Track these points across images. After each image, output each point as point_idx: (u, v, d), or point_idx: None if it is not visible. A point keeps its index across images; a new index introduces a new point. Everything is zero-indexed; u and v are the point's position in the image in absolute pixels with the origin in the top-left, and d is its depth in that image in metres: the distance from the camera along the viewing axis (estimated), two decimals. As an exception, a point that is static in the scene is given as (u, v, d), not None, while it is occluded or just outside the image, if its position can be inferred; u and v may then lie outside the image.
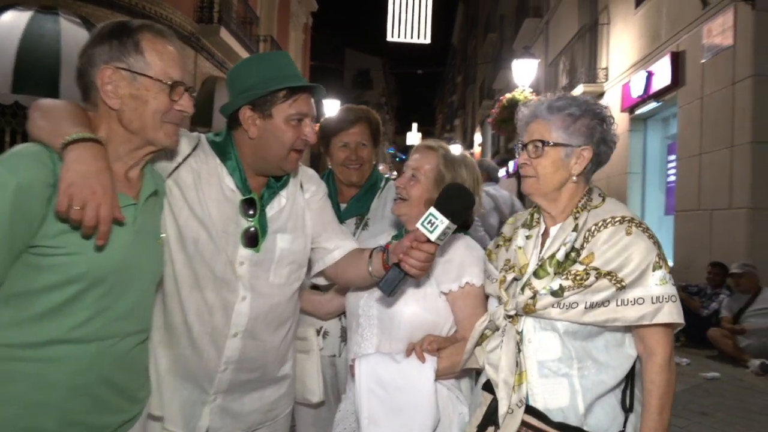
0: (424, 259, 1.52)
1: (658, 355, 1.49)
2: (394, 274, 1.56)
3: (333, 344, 2.31)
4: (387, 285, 1.57)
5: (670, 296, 1.46)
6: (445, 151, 1.94)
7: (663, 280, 1.46)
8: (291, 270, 1.82)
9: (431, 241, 1.51)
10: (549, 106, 1.61)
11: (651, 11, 9.92)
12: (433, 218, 1.51)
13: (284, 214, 1.80)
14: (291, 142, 1.68)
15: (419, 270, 1.53)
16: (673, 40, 8.93)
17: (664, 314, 1.45)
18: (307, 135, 1.69)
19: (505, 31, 22.87)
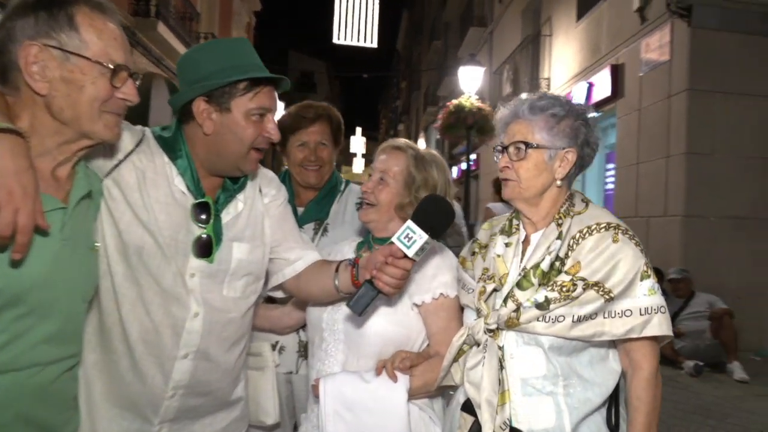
0: (400, 277, 1.40)
1: (645, 369, 1.42)
2: (366, 292, 1.43)
3: (290, 360, 2.14)
4: (358, 304, 1.43)
5: (659, 307, 1.40)
6: (414, 150, 1.82)
7: (651, 290, 1.40)
8: (247, 282, 1.64)
9: (408, 257, 1.39)
10: (531, 105, 1.52)
11: (592, 25, 10.27)
12: (411, 232, 1.39)
13: (241, 220, 1.62)
14: (251, 140, 1.50)
15: (394, 288, 1.42)
16: (612, 54, 9.26)
17: (653, 326, 1.38)
18: (269, 132, 1.52)
19: (450, 39, 23.22)
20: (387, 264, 1.41)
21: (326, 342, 1.74)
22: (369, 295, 1.43)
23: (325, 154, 2.24)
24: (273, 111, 1.53)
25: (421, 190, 1.77)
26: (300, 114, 2.23)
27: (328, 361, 1.71)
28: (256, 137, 1.51)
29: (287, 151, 2.28)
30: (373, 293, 1.43)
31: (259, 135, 1.51)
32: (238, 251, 1.59)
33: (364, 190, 1.80)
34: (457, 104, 10.96)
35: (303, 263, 1.73)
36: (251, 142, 1.50)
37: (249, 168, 1.56)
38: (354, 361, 1.68)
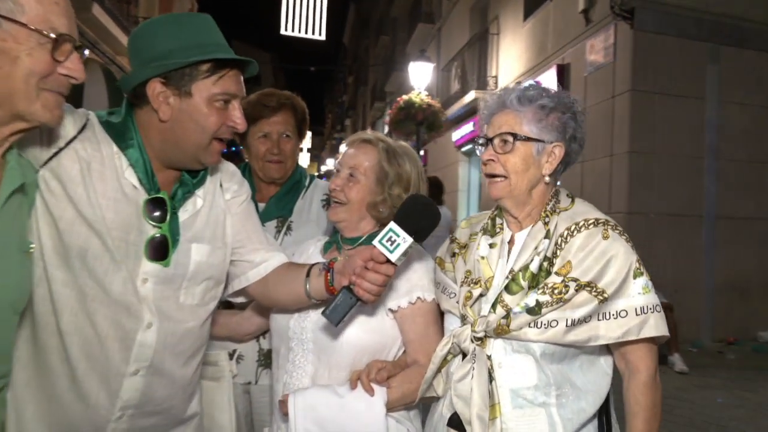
0: (381, 283, 1.30)
1: (643, 372, 1.36)
2: (344, 300, 1.31)
3: (248, 370, 1.98)
4: (335, 313, 1.32)
5: (655, 306, 1.34)
6: (385, 143, 1.69)
7: (646, 288, 1.34)
8: (207, 288, 1.48)
9: (391, 262, 1.28)
10: (519, 95, 1.43)
11: (538, 25, 10.46)
12: (394, 235, 1.28)
13: (200, 218, 1.45)
14: (214, 129, 1.34)
15: (375, 296, 1.31)
16: (558, 53, 9.46)
17: (649, 327, 1.32)
18: (235, 121, 1.37)
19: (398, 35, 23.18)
20: (367, 269, 1.30)
21: (293, 352, 1.59)
22: (347, 303, 1.32)
23: (289, 147, 2.08)
24: (239, 97, 1.37)
25: (394, 186, 1.65)
26: (261, 102, 2.06)
27: (296, 373, 1.57)
28: (220, 126, 1.35)
29: (247, 143, 2.10)
30: (352, 301, 1.32)
31: (222, 124, 1.35)
32: (197, 253, 1.43)
33: (332, 187, 1.66)
34: (407, 100, 10.91)
35: (269, 266, 1.58)
36: (214, 132, 1.34)
37: (210, 160, 1.39)
38: (325, 373, 1.55)
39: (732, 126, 7.73)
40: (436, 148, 15.05)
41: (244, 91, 1.39)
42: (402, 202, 1.51)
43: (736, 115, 7.73)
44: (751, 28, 7.77)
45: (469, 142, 13.61)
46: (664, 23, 7.46)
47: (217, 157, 1.41)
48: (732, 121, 7.72)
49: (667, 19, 7.47)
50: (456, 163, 14.55)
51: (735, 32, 7.72)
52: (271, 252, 1.60)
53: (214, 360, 1.89)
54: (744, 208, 7.77)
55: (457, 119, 13.53)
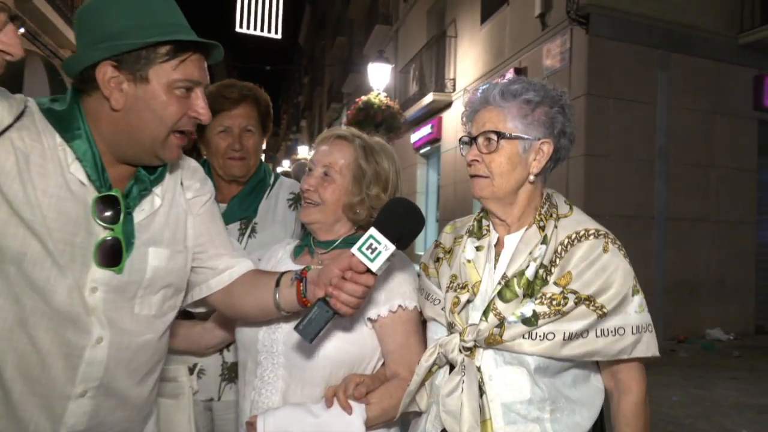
0: (361, 295, 1.19)
1: (634, 392, 1.30)
2: (320, 314, 1.19)
3: (210, 385, 1.82)
4: (310, 328, 1.19)
5: (648, 326, 1.28)
6: (361, 139, 1.57)
7: (641, 307, 1.28)
8: (165, 296, 1.33)
9: (371, 271, 1.17)
10: (503, 90, 1.34)
11: (495, 28, 10.57)
12: (375, 242, 1.17)
13: (159, 219, 1.30)
14: (173, 120, 1.19)
15: (354, 308, 1.20)
16: (515, 57, 9.57)
17: (642, 346, 1.26)
18: (198, 111, 1.22)
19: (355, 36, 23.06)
20: (345, 280, 1.18)
21: (262, 367, 1.45)
22: (323, 317, 1.19)
23: (252, 143, 1.92)
24: (202, 85, 1.23)
25: (372, 185, 1.54)
26: (221, 94, 1.89)
27: (265, 390, 1.43)
28: (180, 117, 1.20)
29: (206, 139, 1.94)
30: (328, 315, 1.19)
31: (184, 114, 1.20)
32: (154, 258, 1.27)
33: (305, 187, 1.53)
34: (366, 101, 10.82)
35: (234, 274, 1.44)
36: (173, 123, 1.19)
37: (170, 155, 1.24)
38: (297, 390, 1.41)
39: (681, 130, 8.00)
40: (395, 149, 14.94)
41: (208, 79, 1.24)
42: (382, 205, 1.41)
43: (684, 120, 8.01)
44: (699, 36, 8.07)
45: (427, 144, 13.67)
46: (618, 29, 7.64)
47: (177, 152, 1.26)
48: (681, 125, 7.99)
49: (620, 26, 7.66)
50: (414, 165, 14.56)
51: (684, 40, 8.00)
52: (236, 258, 1.46)
53: (172, 375, 1.74)
54: (693, 209, 8.06)
55: (415, 121, 13.53)
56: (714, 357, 6.81)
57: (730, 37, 8.30)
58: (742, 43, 8.30)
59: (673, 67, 7.94)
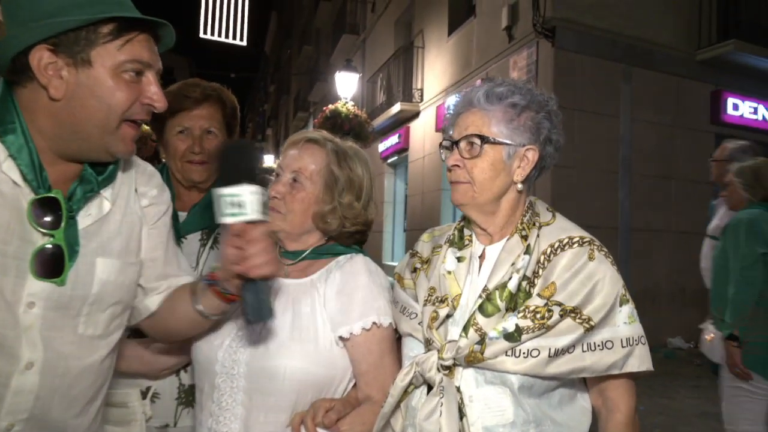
0: (264, 248, 1.08)
1: (622, 411, 1.22)
2: (255, 294, 1.11)
3: (166, 410, 1.66)
4: (256, 311, 1.11)
5: (639, 338, 1.21)
6: (333, 143, 1.48)
7: (631, 318, 1.21)
8: (113, 314, 1.19)
9: (255, 221, 1.08)
10: (488, 92, 1.27)
11: (462, 40, 10.65)
12: (233, 197, 1.08)
13: (109, 226, 1.16)
14: (123, 107, 1.06)
15: (272, 265, 1.09)
16: (482, 69, 9.65)
17: (634, 360, 1.19)
18: (151, 97, 1.10)
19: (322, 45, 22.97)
20: (242, 248, 1.08)
21: (219, 391, 1.32)
22: (260, 293, 1.11)
23: (214, 146, 1.78)
24: (154, 68, 1.10)
25: (345, 192, 1.44)
26: (182, 93, 1.75)
27: (224, 417, 1.30)
28: (131, 104, 1.07)
29: (165, 141, 1.79)
30: (262, 287, 1.11)
31: (135, 101, 1.08)
32: (103, 270, 1.14)
33: (272, 194, 1.41)
34: (333, 109, 10.71)
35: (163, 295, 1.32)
36: (123, 110, 1.07)
37: (121, 149, 1.11)
38: (260, 417, 1.28)
39: (642, 143, 8.18)
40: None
41: (159, 63, 1.12)
42: (356, 214, 1.35)
43: (645, 133, 8.19)
44: (660, 52, 8.30)
45: (394, 154, 13.64)
46: (583, 43, 7.78)
47: (130, 145, 1.13)
48: (642, 138, 8.17)
49: (585, 39, 7.80)
50: (382, 174, 14.51)
51: (645, 55, 8.20)
52: (179, 278, 1.34)
53: (121, 401, 1.58)
54: (654, 220, 8.22)
55: (383, 131, 13.50)
56: (676, 365, 6.91)
57: (688, 53, 8.57)
58: (699, 60, 8.57)
59: (635, 81, 8.13)
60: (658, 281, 8.11)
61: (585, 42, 7.79)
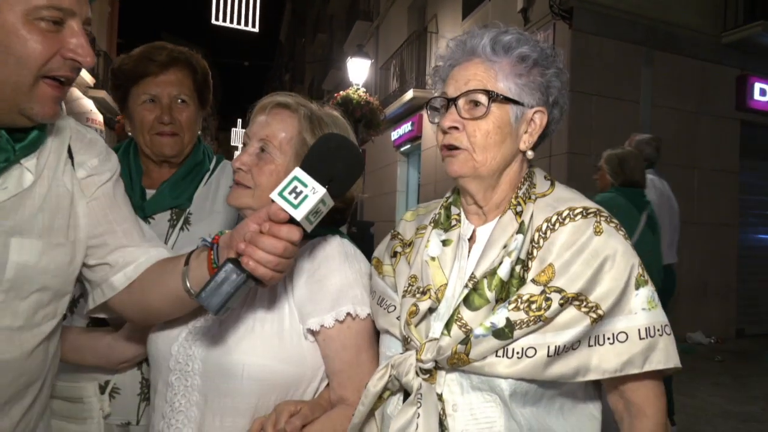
0: (281, 252, 0.91)
1: (649, 416, 1.02)
2: (228, 277, 0.91)
3: (127, 406, 1.51)
4: (215, 296, 0.91)
5: (663, 326, 1.00)
6: (307, 109, 1.29)
7: (651, 302, 1.00)
8: (39, 302, 1.03)
9: (296, 221, 0.91)
10: (494, 40, 1.07)
11: (477, 24, 10.23)
12: (300, 185, 0.92)
13: (30, 201, 1.01)
14: (40, 60, 0.91)
15: (273, 271, 0.92)
16: (497, 53, 9.35)
17: (658, 355, 0.98)
18: (74, 50, 0.93)
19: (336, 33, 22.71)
20: (262, 233, 0.92)
21: (173, 390, 1.16)
22: (232, 281, 0.92)
23: (185, 115, 1.61)
24: (79, 16, 0.94)
25: None
26: (147, 56, 1.56)
27: (176, 420, 1.14)
28: (50, 57, 0.92)
29: (129, 111, 1.62)
30: (239, 279, 0.92)
31: (55, 54, 0.92)
32: (19, 251, 0.98)
33: (237, 166, 1.24)
34: (344, 96, 10.52)
35: (140, 266, 1.15)
36: (40, 65, 0.91)
37: (42, 110, 0.95)
38: (215, 421, 1.12)
39: (663, 130, 7.84)
40: (374, 147, 14.74)
41: (87, 11, 0.95)
42: None
43: (667, 120, 7.86)
44: (683, 35, 7.94)
45: (407, 142, 13.41)
46: (602, 25, 7.47)
47: (51, 107, 0.96)
48: (663, 125, 7.84)
49: (604, 21, 7.48)
50: (395, 163, 14.30)
51: (668, 37, 7.85)
52: (143, 248, 1.17)
53: (76, 395, 1.44)
54: (675, 211, 7.91)
55: (395, 118, 13.27)
56: (696, 361, 6.65)
57: (713, 36, 8.19)
58: (725, 42, 8.19)
59: (657, 65, 7.79)
60: (678, 274, 7.80)
61: (604, 24, 7.47)
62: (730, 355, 6.99)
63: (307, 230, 0.94)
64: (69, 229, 1.06)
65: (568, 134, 7.34)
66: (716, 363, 6.64)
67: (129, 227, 1.18)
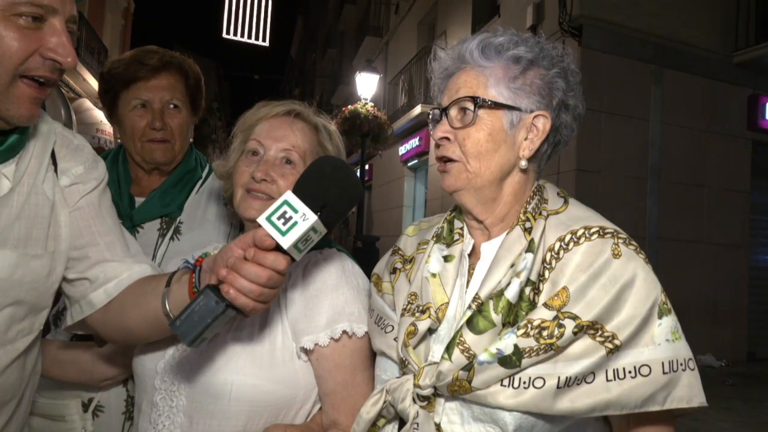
0: (265, 281, 0.84)
1: None
2: (206, 304, 0.84)
3: (111, 425, 1.44)
4: (189, 324, 0.84)
5: (687, 360, 0.92)
6: (322, 121, 1.27)
7: (675, 333, 0.92)
8: (12, 317, 0.98)
9: (283, 249, 0.84)
10: (484, 44, 1.02)
11: (486, 41, 10.35)
12: (290, 210, 0.85)
13: (7, 210, 0.96)
14: (16, 59, 0.87)
15: (255, 301, 0.85)
16: (506, 69, 9.33)
17: (681, 391, 0.90)
18: (54, 49, 0.89)
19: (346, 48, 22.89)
20: (246, 260, 0.85)
21: (157, 411, 1.09)
22: (209, 310, 0.84)
23: (177, 122, 1.56)
24: (61, 14, 0.89)
25: None
26: (137, 60, 1.52)
27: (158, 442, 1.07)
28: (27, 56, 0.87)
29: (119, 117, 1.57)
30: (218, 308, 0.85)
31: (33, 52, 0.87)
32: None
33: (260, 176, 1.16)
34: (352, 110, 10.53)
35: (121, 284, 1.08)
36: (16, 64, 0.87)
37: (14, 112, 0.90)
38: (201, 444, 1.05)
39: (673, 148, 7.77)
40: (382, 162, 14.74)
41: (72, 9, 0.90)
42: None
43: (677, 138, 7.78)
44: (693, 53, 7.89)
45: (415, 157, 13.39)
46: (611, 42, 7.43)
47: (29, 108, 0.91)
48: (673, 143, 7.76)
49: (613, 39, 7.45)
50: (402, 178, 14.27)
51: (678, 56, 7.80)
52: (126, 263, 1.10)
53: (58, 413, 1.37)
54: (684, 230, 7.79)
55: (403, 133, 13.28)
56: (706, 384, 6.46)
57: (724, 55, 8.13)
58: (736, 62, 8.13)
59: (667, 83, 7.73)
60: (687, 295, 7.65)
61: (613, 41, 7.43)
62: (741, 379, 6.82)
63: (295, 259, 0.88)
64: (48, 239, 1.01)
65: (576, 151, 7.27)
66: (727, 387, 6.46)
67: (113, 240, 1.12)
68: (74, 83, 12.52)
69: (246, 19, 21.69)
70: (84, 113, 7.21)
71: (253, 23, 21.89)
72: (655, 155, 7.68)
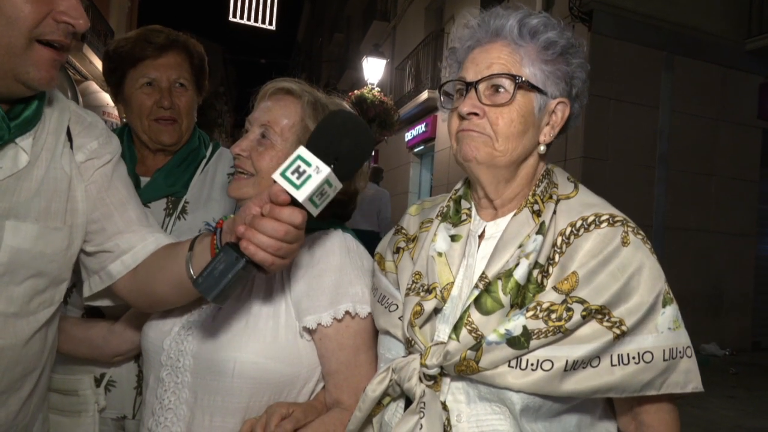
0: (282, 235, 0.85)
1: None
2: (226, 262, 0.86)
3: (123, 399, 1.47)
4: (211, 281, 0.86)
5: (685, 348, 0.94)
6: (311, 95, 1.23)
7: (676, 322, 0.94)
8: (34, 289, 1.00)
9: (298, 203, 0.85)
10: (521, 22, 0.99)
11: (495, 26, 10.24)
12: (304, 164, 0.86)
13: (26, 183, 0.98)
14: (31, 22, 0.88)
15: (273, 255, 0.86)
16: (514, 55, 9.25)
17: (678, 377, 0.92)
18: (66, 11, 0.90)
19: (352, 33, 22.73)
20: (263, 216, 0.86)
21: (163, 385, 1.11)
22: (230, 267, 0.86)
23: (184, 101, 1.56)
24: None
25: None
26: (144, 38, 1.51)
27: (165, 418, 1.09)
28: (41, 19, 0.88)
29: (125, 95, 1.57)
30: (238, 264, 0.86)
31: (46, 15, 0.89)
32: (14, 235, 0.95)
33: (236, 152, 1.19)
34: (358, 95, 10.49)
35: (139, 254, 1.12)
36: (31, 27, 0.88)
37: (34, 75, 0.91)
38: (205, 420, 1.07)
39: (682, 136, 7.70)
40: (388, 147, 14.69)
41: None
42: None
43: (686, 126, 7.71)
44: (705, 40, 7.78)
45: (421, 143, 13.35)
46: (622, 28, 7.34)
47: (48, 70, 0.93)
48: (682, 131, 7.69)
49: (624, 24, 7.35)
50: (408, 164, 14.24)
51: (689, 42, 7.70)
52: (140, 234, 1.13)
53: (71, 388, 1.40)
54: (692, 220, 7.76)
55: (410, 119, 13.21)
56: (710, 373, 6.49)
57: (736, 42, 8.02)
58: (749, 49, 8.02)
59: (677, 71, 7.64)
60: (694, 284, 7.65)
61: (624, 27, 7.34)
62: (745, 368, 6.83)
63: (312, 213, 0.88)
64: (67, 213, 1.03)
65: (584, 138, 7.22)
66: (731, 376, 6.48)
67: (128, 211, 1.14)
68: (81, 65, 12.49)
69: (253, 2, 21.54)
70: (90, 96, 7.22)
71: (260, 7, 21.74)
72: (663, 143, 7.62)
